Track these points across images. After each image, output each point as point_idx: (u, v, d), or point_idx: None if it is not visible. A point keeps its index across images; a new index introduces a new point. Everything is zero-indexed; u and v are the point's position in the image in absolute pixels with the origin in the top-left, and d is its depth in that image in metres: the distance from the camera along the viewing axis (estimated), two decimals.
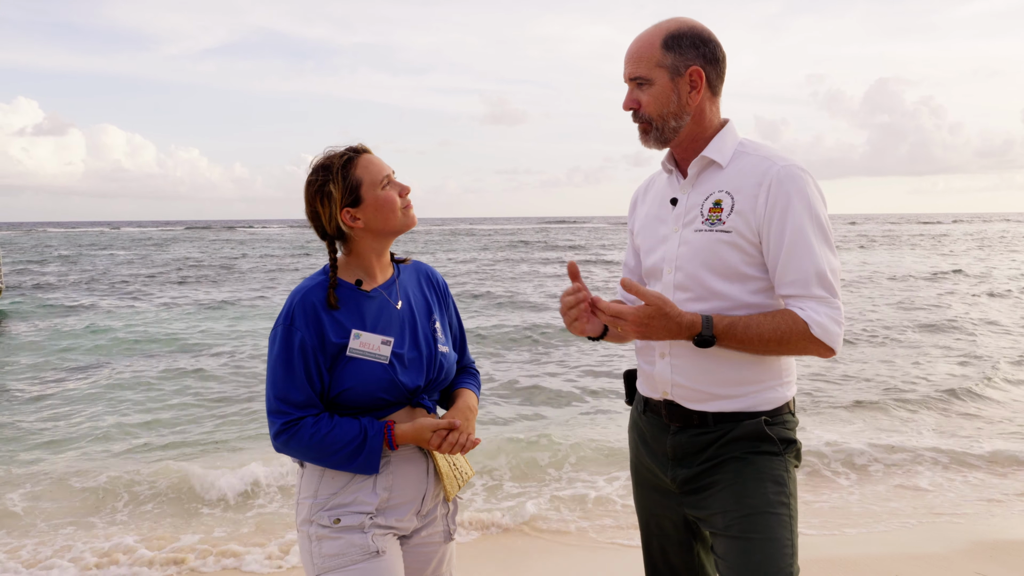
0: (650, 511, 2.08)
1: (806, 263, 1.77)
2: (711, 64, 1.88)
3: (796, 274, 1.77)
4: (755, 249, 1.82)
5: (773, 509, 1.82)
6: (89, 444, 6.80)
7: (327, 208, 1.91)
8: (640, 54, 1.89)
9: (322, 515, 1.90)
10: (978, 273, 23.94)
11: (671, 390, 1.93)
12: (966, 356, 10.50)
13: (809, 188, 1.80)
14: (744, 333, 1.77)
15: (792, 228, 1.77)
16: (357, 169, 1.92)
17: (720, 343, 1.79)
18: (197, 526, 4.90)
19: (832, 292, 1.78)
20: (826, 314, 1.76)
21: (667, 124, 1.89)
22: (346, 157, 1.92)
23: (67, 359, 11.08)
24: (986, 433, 6.82)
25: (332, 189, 1.90)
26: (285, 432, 1.86)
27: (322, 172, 1.92)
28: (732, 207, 1.83)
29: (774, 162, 1.83)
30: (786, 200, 1.78)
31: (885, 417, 7.47)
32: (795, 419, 1.94)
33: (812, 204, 1.79)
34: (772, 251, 1.80)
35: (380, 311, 1.96)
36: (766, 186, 1.80)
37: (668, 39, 1.87)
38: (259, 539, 4.63)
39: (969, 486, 5.45)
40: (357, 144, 1.96)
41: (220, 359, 10.88)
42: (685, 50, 1.86)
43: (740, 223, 1.82)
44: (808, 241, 1.77)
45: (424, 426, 1.91)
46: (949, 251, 37.05)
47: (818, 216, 1.79)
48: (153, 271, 28.49)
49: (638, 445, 2.08)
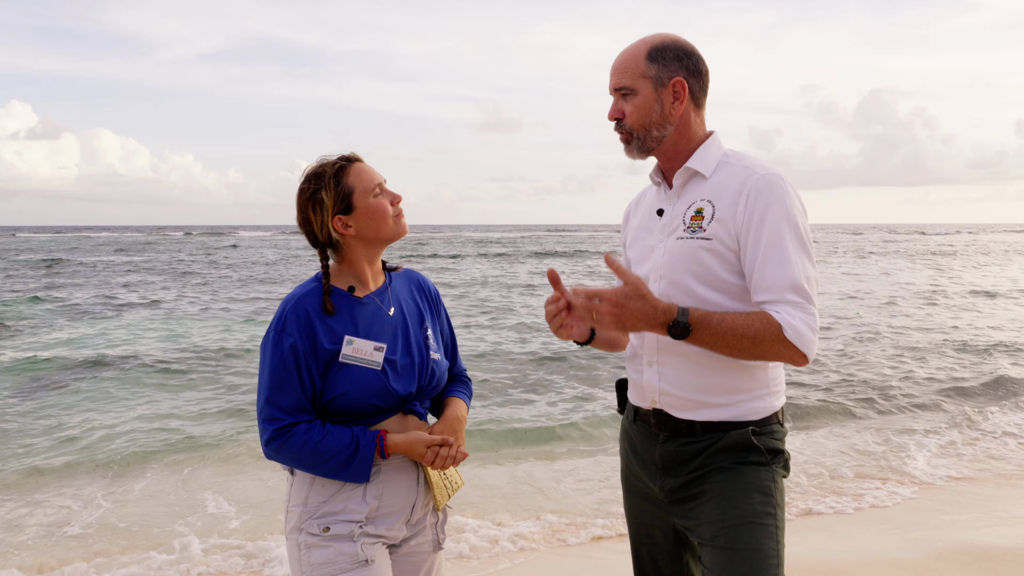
0: (640, 520, 2.08)
1: (782, 270, 1.77)
2: (694, 76, 1.92)
3: (772, 280, 1.78)
4: (735, 256, 1.84)
5: (759, 520, 1.82)
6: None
7: (319, 215, 1.92)
8: (625, 66, 1.92)
9: (311, 523, 1.89)
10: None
11: (659, 398, 1.94)
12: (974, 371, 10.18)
13: (788, 196, 1.81)
14: (719, 326, 1.76)
15: (769, 235, 1.78)
16: (349, 177, 1.92)
17: (695, 333, 1.76)
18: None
19: (807, 299, 1.77)
20: (800, 319, 1.75)
21: (649, 133, 1.91)
22: (338, 165, 1.93)
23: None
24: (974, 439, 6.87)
25: (324, 196, 1.90)
26: (277, 439, 1.85)
27: (314, 180, 1.92)
28: (713, 215, 1.85)
29: (754, 171, 1.85)
30: (764, 207, 1.79)
31: (870, 422, 7.50)
32: (783, 429, 1.95)
33: (790, 212, 1.80)
34: (749, 257, 1.81)
35: (373, 317, 1.96)
36: (745, 194, 1.82)
37: (652, 51, 1.90)
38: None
39: (951, 493, 5.49)
40: (349, 153, 1.97)
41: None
42: (668, 62, 1.89)
43: (720, 230, 1.83)
44: (785, 248, 1.78)
45: (418, 440, 1.91)
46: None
47: (796, 224, 1.80)
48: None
49: (628, 454, 2.09)
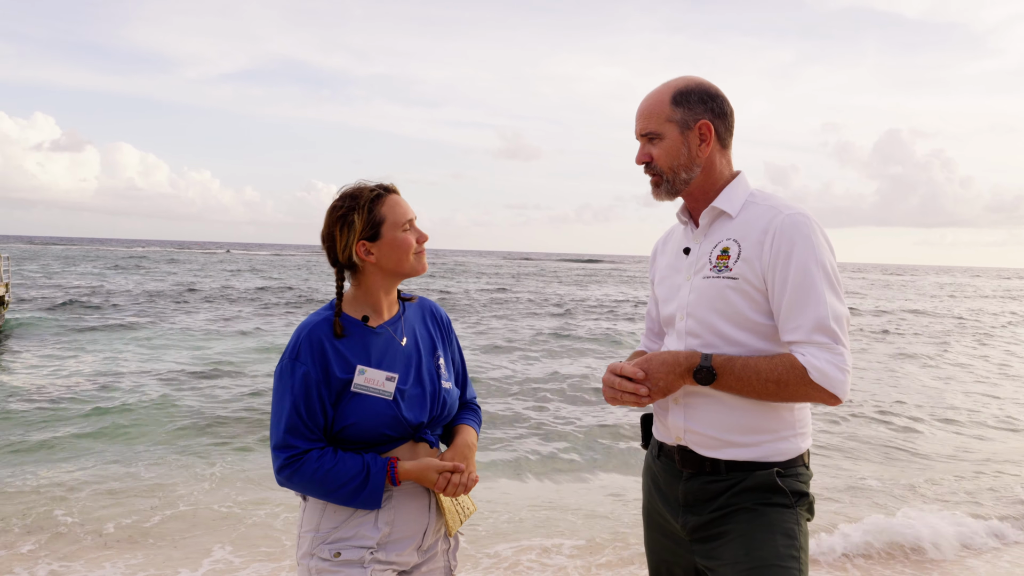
0: (661, 556, 2.06)
1: (809, 309, 1.77)
2: (719, 118, 1.92)
3: (799, 320, 1.78)
4: (762, 296, 1.83)
5: (783, 562, 1.79)
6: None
7: (344, 236, 1.93)
8: (651, 111, 1.93)
9: (323, 548, 1.89)
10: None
11: (684, 436, 1.93)
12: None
13: (815, 235, 1.81)
14: (743, 370, 1.78)
15: (796, 274, 1.78)
16: (384, 207, 1.94)
17: (721, 378, 1.80)
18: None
19: (835, 339, 1.77)
20: (827, 360, 1.75)
21: (678, 176, 1.92)
22: (376, 193, 1.95)
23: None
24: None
25: (355, 219, 1.92)
26: (289, 467, 1.86)
27: (349, 200, 1.94)
28: (739, 254, 1.85)
29: (780, 210, 1.85)
30: (790, 247, 1.79)
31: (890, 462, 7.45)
32: (809, 472, 1.92)
33: (817, 251, 1.79)
34: (776, 298, 1.81)
35: (386, 347, 1.97)
36: (771, 233, 1.82)
37: (676, 95, 1.91)
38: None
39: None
40: (389, 183, 1.99)
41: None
42: (693, 105, 1.90)
43: (747, 270, 1.83)
44: (812, 287, 1.77)
45: (429, 467, 1.92)
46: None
47: (823, 263, 1.79)
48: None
49: (651, 490, 2.07)
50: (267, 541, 5.03)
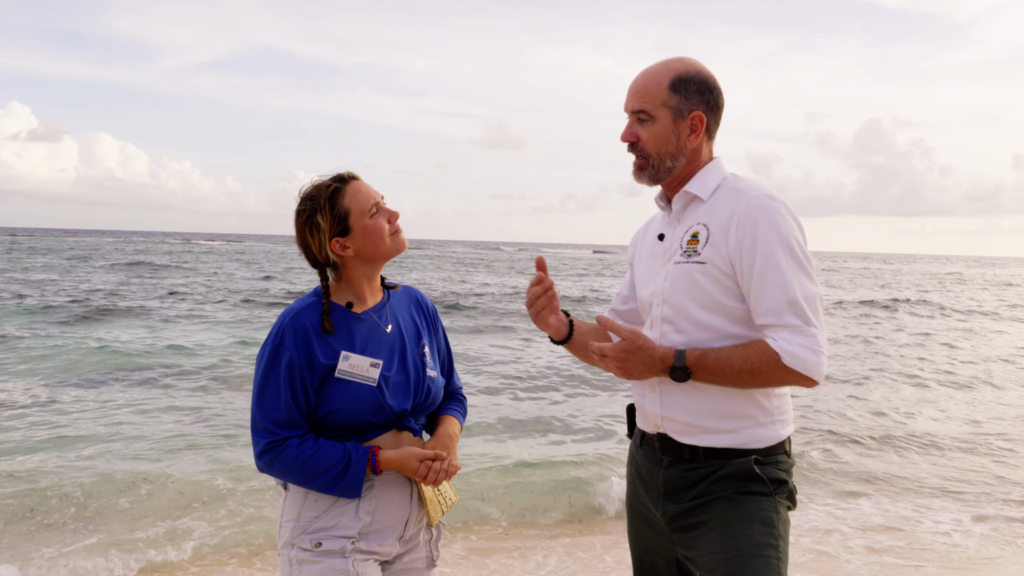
0: (643, 547, 2.07)
1: (777, 291, 1.76)
2: (712, 111, 1.92)
3: (768, 302, 1.77)
4: (731, 280, 1.83)
5: (760, 551, 1.79)
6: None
7: (316, 238, 1.91)
8: (647, 90, 1.90)
9: (304, 538, 1.88)
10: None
11: (662, 423, 1.93)
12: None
13: (780, 216, 1.80)
14: (715, 364, 1.78)
15: (762, 256, 1.77)
16: (345, 199, 1.91)
17: (696, 375, 1.81)
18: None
19: (806, 320, 1.76)
20: (799, 343, 1.74)
21: (663, 163, 1.91)
22: (332, 188, 1.92)
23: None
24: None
25: (320, 220, 1.89)
26: (269, 452, 1.85)
27: (309, 202, 1.91)
28: (707, 239, 1.85)
29: (745, 193, 1.84)
30: (754, 229, 1.78)
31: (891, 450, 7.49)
32: (790, 460, 1.92)
33: (783, 231, 1.78)
34: (745, 281, 1.81)
35: (370, 334, 1.96)
36: (736, 217, 1.81)
37: (676, 81, 1.88)
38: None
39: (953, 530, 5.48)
40: (345, 172, 1.95)
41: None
42: (691, 95, 1.88)
43: (714, 254, 1.83)
44: (779, 268, 1.76)
45: (411, 455, 1.91)
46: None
47: (790, 243, 1.78)
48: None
49: (634, 479, 2.08)
50: (254, 523, 5.03)
